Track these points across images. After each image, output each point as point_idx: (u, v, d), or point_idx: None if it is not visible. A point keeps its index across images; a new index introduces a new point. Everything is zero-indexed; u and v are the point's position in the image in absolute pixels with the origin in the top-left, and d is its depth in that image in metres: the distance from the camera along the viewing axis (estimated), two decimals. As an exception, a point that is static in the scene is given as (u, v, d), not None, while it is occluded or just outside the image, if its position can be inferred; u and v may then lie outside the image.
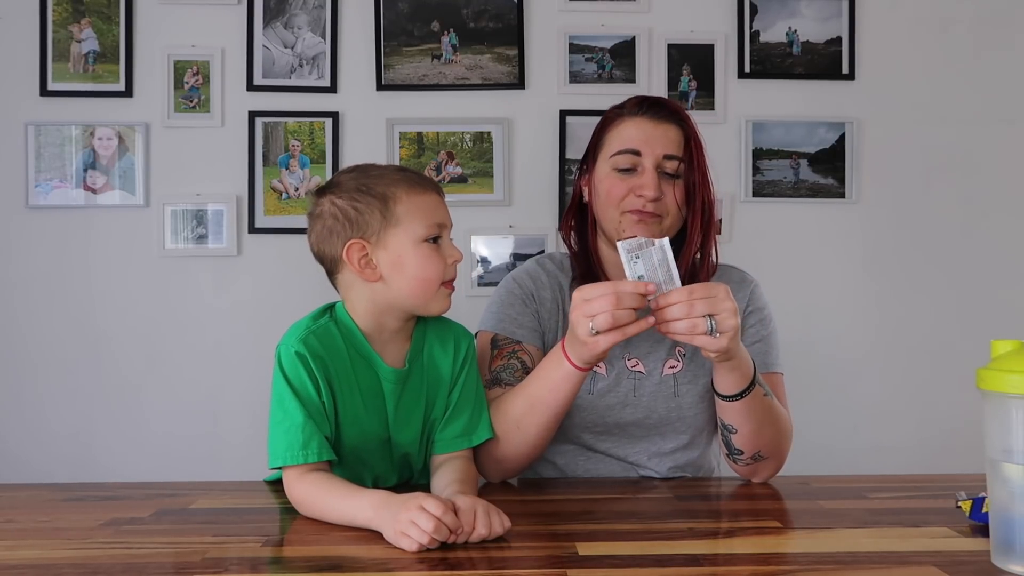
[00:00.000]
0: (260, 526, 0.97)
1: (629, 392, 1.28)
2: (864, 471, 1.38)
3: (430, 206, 1.10)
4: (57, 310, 2.30)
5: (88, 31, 2.30)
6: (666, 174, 1.24)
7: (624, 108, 1.29)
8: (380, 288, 1.10)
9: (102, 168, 2.30)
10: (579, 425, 1.29)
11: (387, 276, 1.09)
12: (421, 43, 2.33)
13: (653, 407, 1.28)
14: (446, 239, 1.13)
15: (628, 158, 1.24)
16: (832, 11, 2.36)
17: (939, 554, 0.86)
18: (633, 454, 1.29)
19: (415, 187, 1.10)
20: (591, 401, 1.28)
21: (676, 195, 1.24)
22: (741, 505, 1.08)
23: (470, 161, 2.33)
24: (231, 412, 2.28)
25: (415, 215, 1.09)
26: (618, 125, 1.28)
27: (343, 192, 1.10)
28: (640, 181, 1.23)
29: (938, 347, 2.33)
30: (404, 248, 1.08)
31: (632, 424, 1.28)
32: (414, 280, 1.09)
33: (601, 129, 1.31)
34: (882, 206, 2.36)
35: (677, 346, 1.30)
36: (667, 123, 1.25)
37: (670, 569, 0.82)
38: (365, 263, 1.09)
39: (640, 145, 1.24)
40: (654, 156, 1.23)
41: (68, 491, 1.18)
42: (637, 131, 1.25)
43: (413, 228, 1.08)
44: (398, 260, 1.08)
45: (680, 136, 1.25)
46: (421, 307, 1.12)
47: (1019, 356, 0.78)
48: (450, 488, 1.04)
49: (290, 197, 2.32)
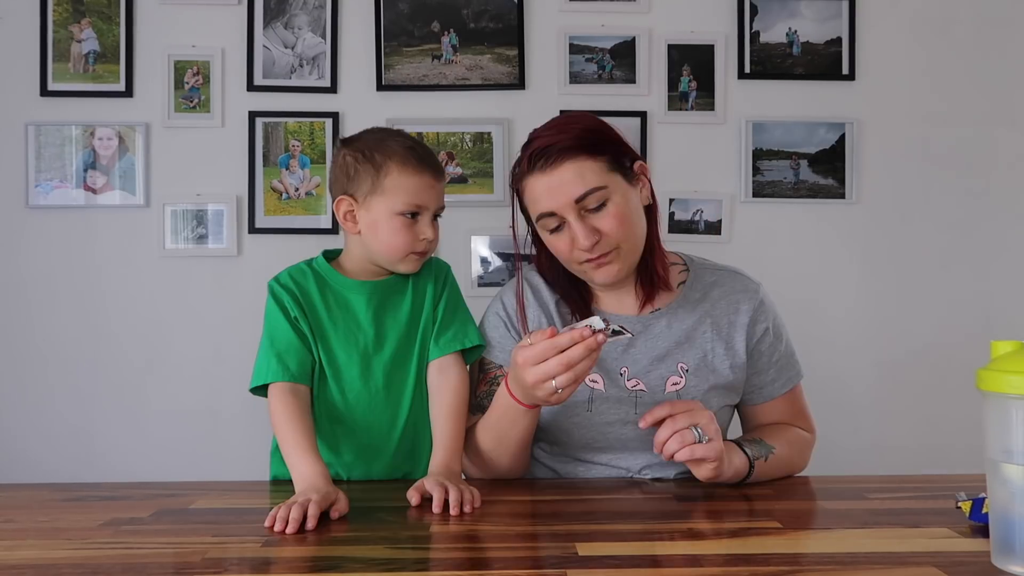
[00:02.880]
0: (260, 526, 0.97)
1: (630, 410, 1.25)
2: (864, 471, 1.38)
3: (417, 187, 1.21)
4: (57, 310, 2.30)
5: (88, 31, 2.30)
6: (591, 210, 1.18)
7: (521, 167, 1.23)
8: (358, 238, 1.25)
9: (102, 168, 2.30)
10: (578, 443, 1.28)
11: (364, 233, 1.24)
12: (421, 43, 2.33)
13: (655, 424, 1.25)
14: (425, 218, 1.23)
15: (549, 220, 1.20)
16: (832, 11, 2.36)
17: (939, 554, 0.85)
18: (636, 465, 1.27)
19: (409, 166, 1.21)
20: (589, 419, 1.26)
21: (610, 224, 1.19)
22: (741, 505, 1.08)
23: (470, 161, 2.33)
24: (231, 412, 2.28)
25: (398, 191, 1.20)
26: (525, 188, 1.22)
27: (355, 149, 1.23)
28: (571, 234, 1.19)
29: (938, 347, 2.33)
30: (381, 216, 1.21)
31: (633, 439, 1.26)
32: (384, 245, 1.23)
33: (517, 194, 1.26)
34: (882, 206, 2.36)
35: (679, 362, 1.27)
36: (561, 164, 1.17)
37: (670, 569, 0.82)
38: (349, 217, 1.24)
39: (548, 204, 1.19)
40: (567, 208, 1.18)
41: (68, 491, 1.18)
42: (540, 189, 1.19)
43: (392, 201, 1.21)
44: (374, 224, 1.22)
45: (583, 167, 1.17)
46: (390, 266, 1.26)
47: (1019, 356, 0.78)
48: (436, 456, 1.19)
49: (290, 197, 2.32)
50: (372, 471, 1.27)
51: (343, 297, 1.26)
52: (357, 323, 1.26)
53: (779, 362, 1.33)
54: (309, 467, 1.10)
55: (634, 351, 1.28)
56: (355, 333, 1.25)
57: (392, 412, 1.26)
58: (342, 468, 1.26)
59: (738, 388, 1.31)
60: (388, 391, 1.26)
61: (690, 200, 2.35)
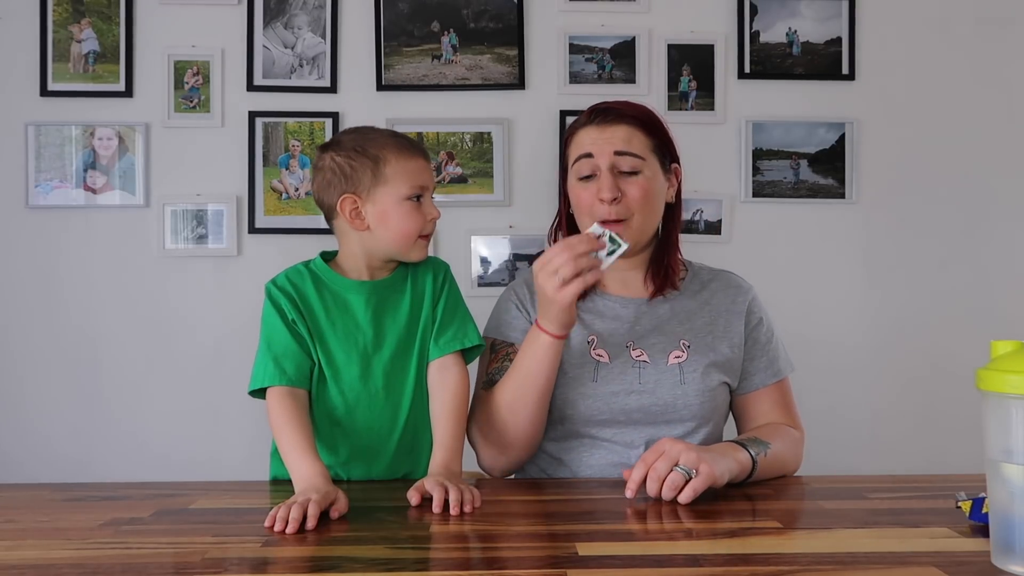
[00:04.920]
0: (260, 526, 0.97)
1: (634, 380, 1.31)
2: (864, 471, 1.38)
3: (415, 170, 1.24)
4: (57, 310, 2.30)
5: (88, 31, 2.30)
6: (623, 173, 1.29)
7: (579, 119, 1.36)
8: (368, 236, 1.24)
9: (102, 168, 2.30)
10: (583, 416, 1.31)
11: (374, 227, 1.23)
12: (421, 43, 2.33)
13: (658, 394, 1.30)
14: (427, 199, 1.26)
15: (585, 163, 1.31)
16: (832, 11, 2.36)
17: (939, 554, 0.85)
18: (638, 440, 1.31)
19: (404, 152, 1.24)
20: (594, 389, 1.31)
21: (635, 192, 1.29)
22: (741, 505, 1.08)
23: (470, 161, 2.33)
24: (231, 412, 2.28)
25: (401, 176, 1.22)
26: (575, 136, 1.35)
27: (342, 150, 1.24)
28: (598, 186, 1.29)
29: (938, 347, 2.33)
30: (389, 204, 1.22)
31: (636, 410, 1.30)
32: (396, 232, 1.23)
33: (565, 143, 1.39)
34: (882, 206, 2.36)
35: (682, 339, 1.33)
36: (616, 124, 1.31)
37: (670, 569, 0.82)
38: (356, 215, 1.23)
39: (591, 147, 1.30)
40: (606, 156, 1.29)
41: (68, 491, 1.18)
42: (588, 138, 1.32)
43: (398, 188, 1.22)
44: (383, 214, 1.23)
45: (633, 134, 1.30)
46: (402, 255, 1.27)
47: (1019, 356, 0.78)
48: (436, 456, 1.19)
49: (290, 197, 2.32)
50: (372, 471, 1.27)
51: (342, 298, 1.26)
52: (356, 323, 1.25)
53: (770, 353, 1.38)
54: (308, 467, 1.10)
55: (639, 327, 1.35)
56: (354, 334, 1.25)
57: (392, 412, 1.26)
58: (342, 469, 1.26)
59: (736, 369, 1.36)
60: (388, 391, 1.26)
61: (690, 200, 2.34)
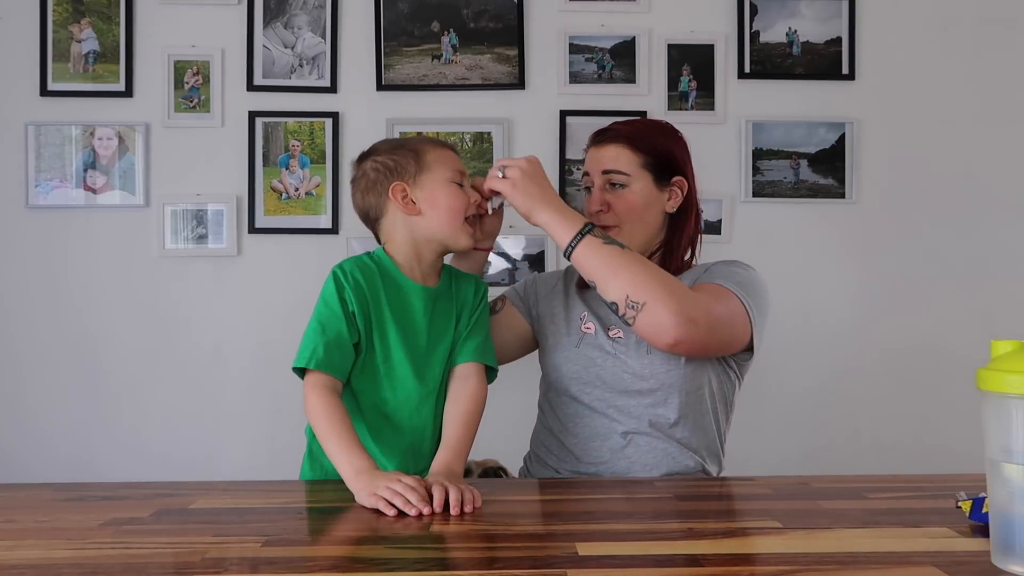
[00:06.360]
0: (260, 526, 0.97)
1: (609, 349, 1.42)
2: (864, 471, 1.38)
3: (452, 158, 1.34)
4: (57, 310, 2.30)
5: (88, 31, 2.30)
6: (611, 185, 1.45)
7: (588, 141, 1.53)
8: (419, 222, 1.30)
9: (102, 168, 2.30)
10: (567, 376, 1.44)
11: (425, 211, 1.30)
12: (421, 43, 2.33)
13: (628, 363, 1.39)
14: (467, 185, 1.34)
15: (586, 179, 1.50)
16: (832, 11, 2.36)
17: (939, 554, 0.85)
18: (618, 406, 1.40)
19: (438, 144, 1.35)
20: (577, 353, 1.44)
21: (620, 204, 1.43)
22: (741, 505, 1.08)
23: (470, 161, 2.33)
24: (231, 412, 2.28)
25: (442, 162, 1.31)
26: (586, 155, 1.53)
27: (380, 153, 1.33)
28: (591, 197, 1.48)
29: (938, 347, 2.33)
30: (436, 186, 1.30)
31: (611, 376, 1.40)
32: (446, 212, 1.29)
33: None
34: (882, 206, 2.36)
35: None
36: (607, 145, 1.46)
37: (670, 569, 0.82)
38: (407, 201, 1.30)
39: (588, 166, 1.49)
40: (597, 174, 1.47)
41: (68, 491, 1.18)
42: (588, 157, 1.50)
43: (441, 171, 1.31)
44: (432, 196, 1.30)
45: (621, 152, 1.45)
46: (451, 238, 1.31)
47: (1019, 356, 0.78)
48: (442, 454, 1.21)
49: (290, 197, 2.32)
50: (411, 471, 1.26)
51: (405, 298, 1.30)
52: (414, 325, 1.29)
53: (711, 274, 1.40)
54: (360, 460, 1.13)
55: None
56: (411, 335, 1.29)
57: (434, 416, 1.30)
58: (388, 463, 1.26)
59: None
60: (436, 395, 1.30)
61: (690, 200, 2.34)
